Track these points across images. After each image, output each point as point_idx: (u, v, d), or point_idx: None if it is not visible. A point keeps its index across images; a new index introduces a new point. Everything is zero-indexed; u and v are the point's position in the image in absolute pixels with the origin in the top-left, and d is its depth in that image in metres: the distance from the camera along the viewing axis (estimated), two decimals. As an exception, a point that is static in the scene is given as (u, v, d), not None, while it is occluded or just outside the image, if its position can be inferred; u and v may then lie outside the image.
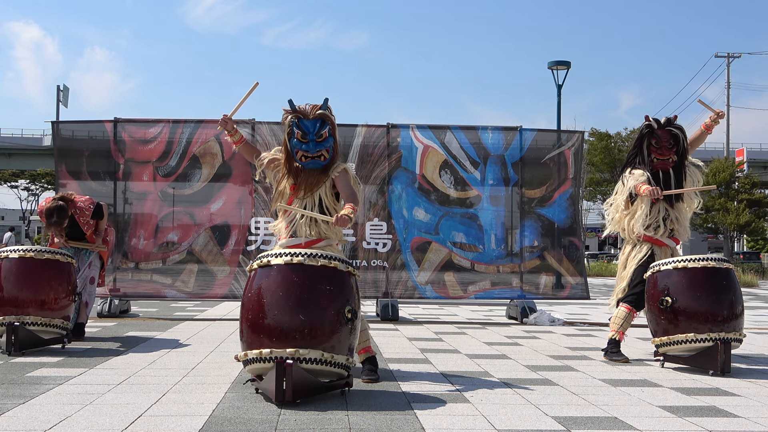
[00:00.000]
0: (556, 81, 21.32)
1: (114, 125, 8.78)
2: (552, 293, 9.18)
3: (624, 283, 5.77)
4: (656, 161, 5.67)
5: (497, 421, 3.55)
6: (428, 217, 8.91)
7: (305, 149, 4.43)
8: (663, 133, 5.65)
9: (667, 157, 5.64)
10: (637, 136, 5.88)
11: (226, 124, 4.73)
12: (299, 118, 4.43)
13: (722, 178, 36.89)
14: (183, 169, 8.78)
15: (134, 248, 8.78)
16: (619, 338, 5.70)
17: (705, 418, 3.71)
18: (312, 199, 4.52)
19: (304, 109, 4.46)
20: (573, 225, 9.14)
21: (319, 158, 4.47)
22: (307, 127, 4.42)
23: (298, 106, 4.48)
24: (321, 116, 4.45)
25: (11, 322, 5.29)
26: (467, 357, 5.71)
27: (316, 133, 4.42)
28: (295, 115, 4.44)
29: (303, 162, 4.46)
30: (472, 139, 9.01)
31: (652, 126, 5.69)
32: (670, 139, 5.65)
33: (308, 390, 3.85)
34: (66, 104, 33.53)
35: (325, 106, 4.51)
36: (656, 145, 5.65)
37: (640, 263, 5.66)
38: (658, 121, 5.72)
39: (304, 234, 4.49)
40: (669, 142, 5.64)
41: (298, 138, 4.42)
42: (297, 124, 4.42)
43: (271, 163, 4.70)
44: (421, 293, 8.85)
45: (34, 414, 3.54)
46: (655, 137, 5.66)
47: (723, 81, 43.20)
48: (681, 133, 5.69)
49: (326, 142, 4.47)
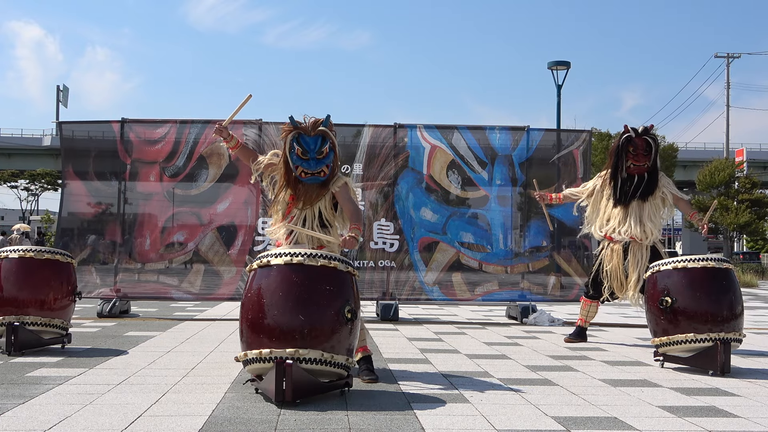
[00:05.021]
0: (556, 81, 21.32)
1: (121, 125, 8.79)
2: (560, 295, 9.16)
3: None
4: (632, 166, 6.19)
5: (497, 421, 3.55)
6: (436, 217, 8.90)
7: (305, 166, 4.44)
8: (640, 141, 6.16)
9: (642, 163, 6.17)
10: (615, 143, 6.41)
11: (221, 132, 4.74)
12: (299, 134, 4.43)
13: (722, 178, 36.91)
14: (190, 169, 8.78)
15: (140, 249, 8.78)
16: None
17: (705, 418, 3.72)
18: (312, 212, 4.55)
19: (305, 126, 4.47)
20: (582, 225, 9.13)
21: (319, 174, 4.48)
22: (308, 143, 4.42)
23: (299, 122, 4.49)
24: (321, 133, 4.45)
25: (11, 322, 5.29)
26: (467, 357, 5.71)
27: (316, 150, 4.43)
28: (296, 131, 4.45)
29: (302, 178, 4.48)
30: (479, 139, 9.01)
31: (631, 135, 6.18)
32: (646, 146, 6.16)
33: (308, 390, 3.85)
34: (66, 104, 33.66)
35: (327, 122, 4.50)
36: (633, 152, 6.17)
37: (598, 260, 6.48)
38: (635, 130, 6.23)
39: (308, 243, 4.51)
40: (645, 149, 6.15)
41: (298, 154, 4.43)
42: (297, 140, 4.43)
43: (268, 167, 4.72)
44: (428, 294, 8.84)
45: (34, 414, 3.54)
46: (632, 144, 6.17)
47: (723, 81, 43.22)
48: (654, 142, 6.23)
49: (326, 159, 4.47)
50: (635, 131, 6.21)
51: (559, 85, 21.21)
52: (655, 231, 6.28)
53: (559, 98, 21.22)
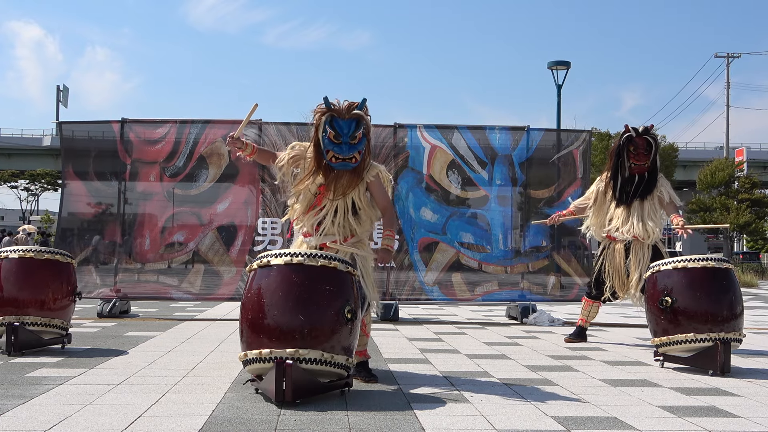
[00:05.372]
0: (556, 81, 21.33)
1: (121, 125, 8.79)
2: (560, 295, 9.16)
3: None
4: (633, 166, 6.21)
5: (497, 421, 3.55)
6: (436, 217, 8.90)
7: (337, 151, 4.24)
8: (640, 141, 6.20)
9: (643, 162, 6.21)
10: (616, 143, 6.43)
11: (234, 143, 4.57)
12: (333, 117, 4.23)
13: (722, 178, 36.91)
14: (190, 169, 8.78)
15: (140, 249, 8.78)
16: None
17: (705, 418, 3.72)
18: (344, 202, 4.36)
19: (339, 108, 4.26)
20: (582, 225, 9.13)
21: (351, 160, 4.28)
22: (341, 127, 4.22)
23: (333, 104, 4.28)
24: (356, 116, 4.25)
25: (11, 322, 5.29)
26: (467, 357, 5.71)
27: (350, 135, 4.23)
28: (329, 113, 4.25)
29: (333, 163, 4.28)
30: (479, 139, 9.00)
31: (631, 134, 6.22)
32: (646, 146, 6.20)
33: (308, 390, 3.85)
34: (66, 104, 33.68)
35: (362, 106, 4.30)
36: (634, 152, 6.20)
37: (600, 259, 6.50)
38: (636, 130, 6.26)
39: (338, 235, 4.37)
40: (645, 149, 6.19)
41: (330, 138, 4.22)
42: (330, 123, 4.23)
43: (292, 159, 4.50)
44: (428, 294, 8.84)
45: (34, 414, 3.54)
46: (633, 144, 6.20)
47: (723, 81, 43.23)
48: (655, 141, 6.27)
49: (359, 144, 4.27)
50: (636, 131, 6.24)
51: (559, 85, 21.22)
52: (657, 230, 6.29)
53: (559, 98, 21.24)
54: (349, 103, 4.31)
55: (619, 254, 6.33)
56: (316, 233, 4.41)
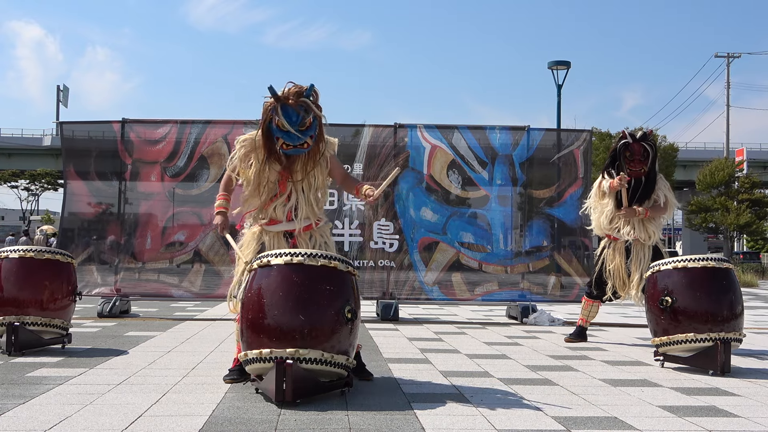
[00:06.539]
0: (556, 81, 21.33)
1: (122, 125, 8.80)
2: (560, 295, 9.16)
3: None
4: (630, 172, 6.23)
5: (497, 421, 3.55)
6: (436, 217, 8.90)
7: (287, 139, 4.19)
8: (637, 147, 6.22)
9: (639, 168, 6.22)
10: (612, 148, 6.45)
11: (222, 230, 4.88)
12: (281, 105, 4.15)
13: (722, 178, 36.90)
14: (191, 169, 8.79)
15: (141, 248, 8.79)
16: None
17: (705, 418, 3.72)
18: (307, 182, 4.36)
19: (286, 95, 4.17)
20: (583, 225, 9.14)
21: (302, 146, 4.25)
22: (290, 115, 4.15)
23: (280, 92, 4.20)
24: (303, 104, 4.17)
25: (11, 322, 5.29)
26: (467, 357, 5.71)
27: (299, 123, 4.16)
28: (276, 101, 4.17)
29: (285, 150, 4.24)
30: (479, 138, 9.00)
31: (628, 141, 6.24)
32: (643, 152, 6.21)
33: (308, 390, 3.85)
34: (66, 104, 33.68)
35: (309, 92, 4.19)
36: (630, 157, 6.23)
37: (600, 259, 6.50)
38: (633, 135, 6.29)
39: (311, 214, 4.43)
40: (642, 155, 6.21)
41: (278, 126, 4.17)
42: (277, 110, 4.15)
43: (244, 156, 4.46)
44: (428, 294, 8.84)
45: (34, 414, 3.54)
46: (629, 150, 6.23)
47: (723, 81, 43.23)
48: (652, 147, 6.26)
49: (310, 130, 4.21)
50: (632, 137, 6.27)
51: (559, 85, 21.22)
52: (657, 232, 6.36)
53: (560, 98, 21.24)
54: (297, 89, 4.21)
55: (619, 253, 6.36)
56: (296, 219, 4.42)
